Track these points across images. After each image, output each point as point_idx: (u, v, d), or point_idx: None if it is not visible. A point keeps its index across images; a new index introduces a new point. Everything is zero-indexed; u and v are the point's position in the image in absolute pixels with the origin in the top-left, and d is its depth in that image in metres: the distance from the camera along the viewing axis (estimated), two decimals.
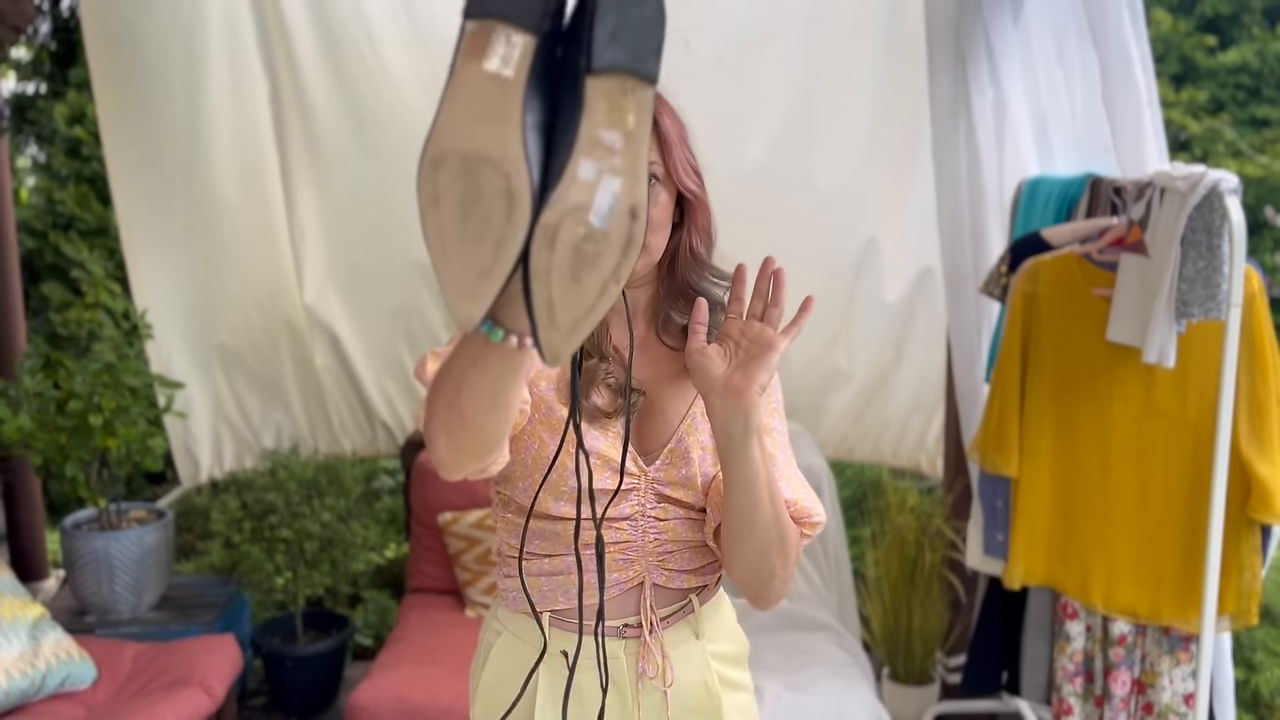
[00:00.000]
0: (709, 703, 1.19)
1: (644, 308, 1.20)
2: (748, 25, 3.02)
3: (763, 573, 1.12)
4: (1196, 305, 1.75)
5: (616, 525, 1.15)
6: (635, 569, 1.16)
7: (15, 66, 4.89)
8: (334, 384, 3.33)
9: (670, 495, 1.16)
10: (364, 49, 3.01)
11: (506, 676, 1.18)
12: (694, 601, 1.19)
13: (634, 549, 1.16)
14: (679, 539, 1.17)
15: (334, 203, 3.18)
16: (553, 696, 1.15)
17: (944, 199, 2.53)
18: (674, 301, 1.19)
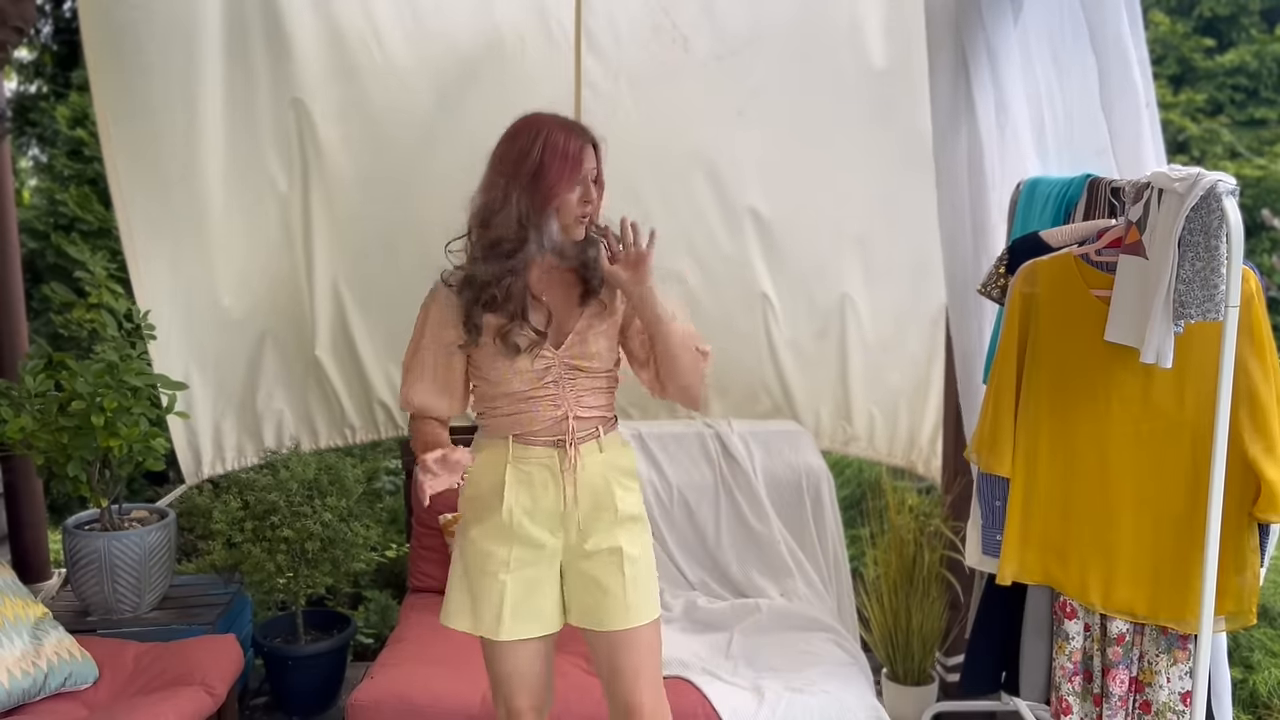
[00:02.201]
0: (604, 488, 1.91)
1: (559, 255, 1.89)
2: (746, 24, 3.03)
3: (693, 379, 1.97)
4: (1194, 306, 1.76)
5: (546, 385, 1.89)
6: (561, 409, 1.89)
7: (17, 68, 4.90)
8: (336, 369, 3.34)
9: (576, 365, 1.90)
10: (370, 44, 3.03)
11: (485, 479, 1.90)
12: (599, 429, 1.93)
13: (559, 398, 1.89)
14: (584, 389, 1.91)
15: (341, 195, 3.19)
16: (516, 481, 1.88)
17: (945, 199, 2.54)
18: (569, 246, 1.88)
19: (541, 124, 1.83)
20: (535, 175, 1.79)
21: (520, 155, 1.80)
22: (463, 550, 1.94)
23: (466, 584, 1.92)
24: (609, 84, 3.07)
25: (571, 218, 1.83)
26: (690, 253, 3.22)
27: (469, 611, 1.93)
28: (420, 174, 3.17)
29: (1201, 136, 7.02)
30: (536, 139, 1.80)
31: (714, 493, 3.05)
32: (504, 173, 1.82)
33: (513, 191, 1.80)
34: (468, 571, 1.92)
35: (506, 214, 1.80)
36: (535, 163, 1.79)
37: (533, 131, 1.81)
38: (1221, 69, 7.51)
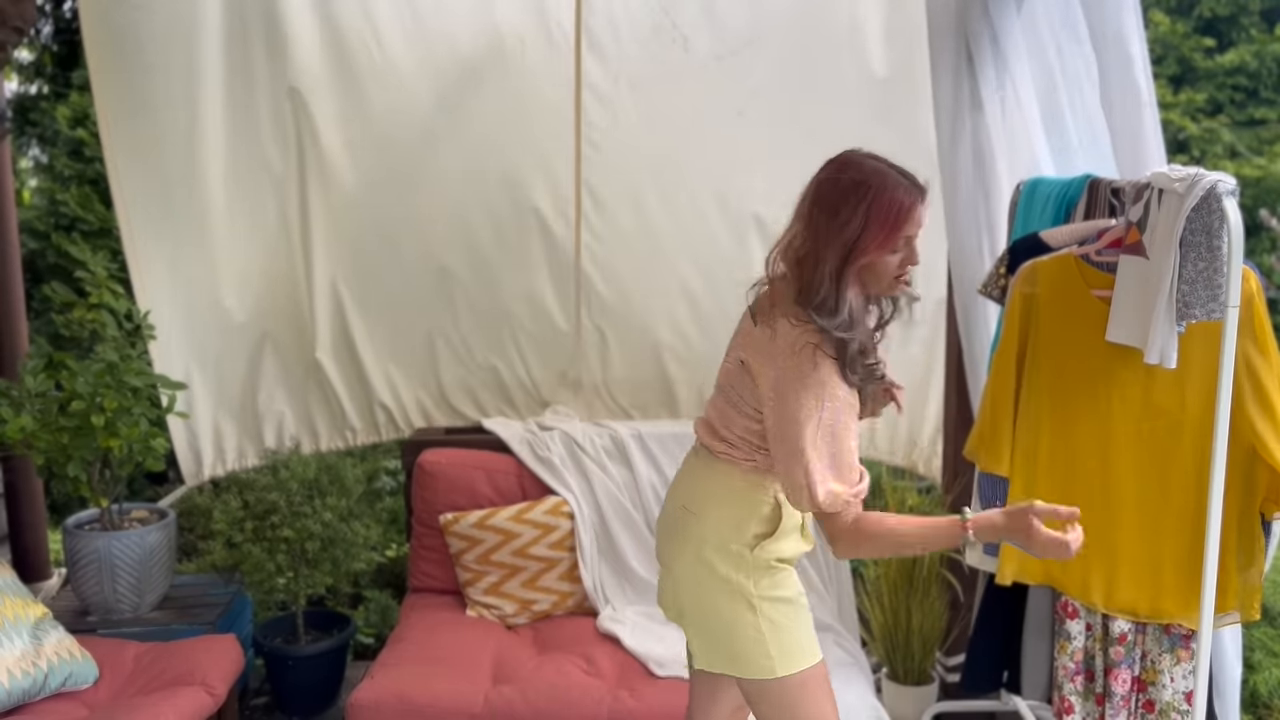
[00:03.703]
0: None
1: None
2: (746, 24, 3.03)
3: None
4: (1198, 306, 1.76)
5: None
6: None
7: (18, 68, 4.90)
8: (337, 370, 3.34)
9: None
10: (370, 45, 3.03)
11: (790, 519, 1.80)
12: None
13: None
14: None
15: (341, 196, 3.19)
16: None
17: (950, 199, 2.53)
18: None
19: (868, 174, 1.65)
20: (856, 232, 1.62)
21: (840, 204, 1.64)
22: (772, 590, 1.79)
23: (797, 618, 1.80)
24: (609, 85, 3.08)
25: (887, 280, 1.68)
26: (691, 254, 3.22)
27: (808, 641, 1.81)
28: (420, 175, 3.17)
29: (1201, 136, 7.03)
30: (863, 193, 1.63)
31: None
32: (819, 219, 1.65)
33: (825, 246, 1.64)
34: (793, 605, 1.80)
35: (820, 270, 1.64)
36: (858, 219, 1.62)
37: (859, 180, 1.65)
38: (1221, 69, 7.51)
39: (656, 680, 2.48)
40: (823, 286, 1.64)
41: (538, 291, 3.26)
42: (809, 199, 1.70)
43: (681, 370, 3.30)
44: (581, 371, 3.31)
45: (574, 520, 2.90)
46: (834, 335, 1.63)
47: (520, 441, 3.06)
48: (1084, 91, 2.36)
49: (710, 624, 1.81)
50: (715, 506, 1.80)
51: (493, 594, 2.85)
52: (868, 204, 1.63)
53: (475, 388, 3.37)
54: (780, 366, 1.66)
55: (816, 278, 1.64)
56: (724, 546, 1.77)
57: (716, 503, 1.80)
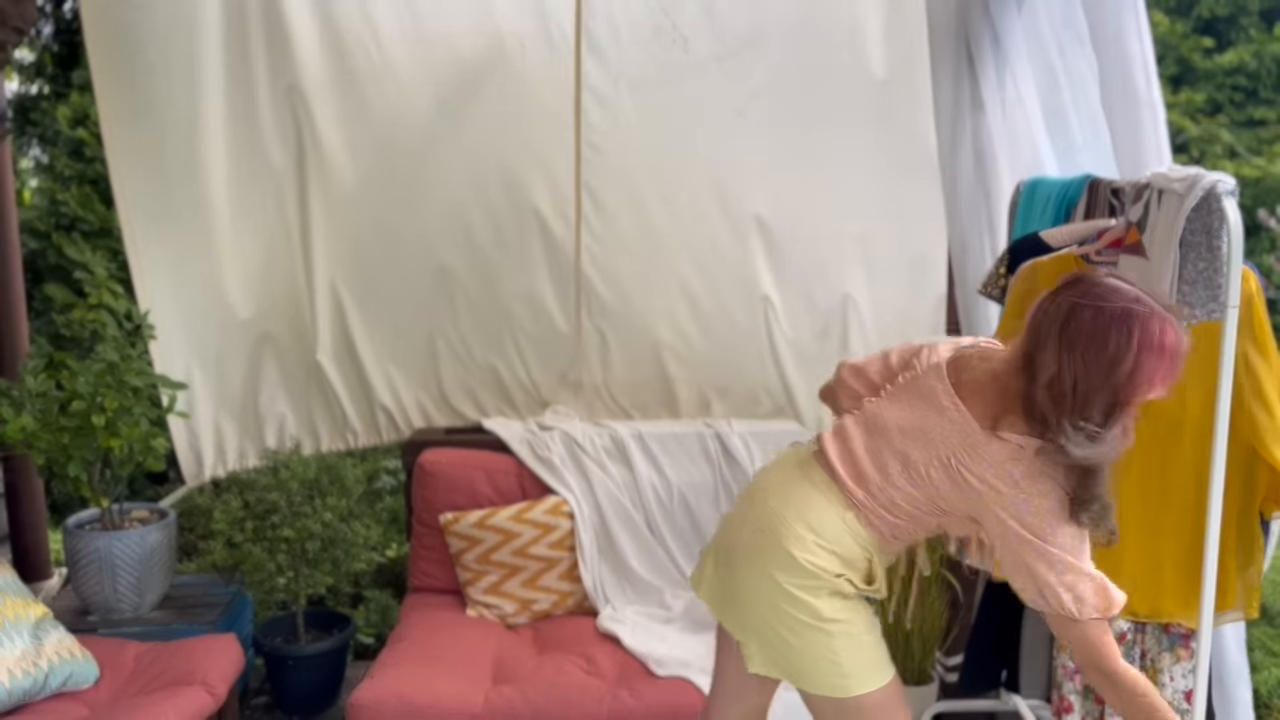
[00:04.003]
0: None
1: None
2: (746, 24, 3.03)
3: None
4: (1199, 306, 1.76)
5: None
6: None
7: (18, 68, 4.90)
8: (337, 372, 3.34)
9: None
10: (370, 47, 3.03)
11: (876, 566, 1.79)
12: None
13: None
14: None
15: (341, 198, 3.19)
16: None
17: (952, 199, 2.54)
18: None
19: (1133, 317, 1.53)
20: (1126, 377, 1.53)
21: (1113, 359, 1.52)
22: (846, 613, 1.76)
23: (873, 636, 1.81)
24: (609, 86, 3.07)
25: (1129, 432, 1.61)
26: (691, 255, 3.22)
27: (882, 657, 1.82)
28: (420, 175, 3.17)
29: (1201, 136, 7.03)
30: (1129, 338, 1.52)
31: (714, 493, 3.05)
32: (1085, 365, 1.53)
33: (1095, 391, 1.54)
34: (866, 624, 1.80)
35: (1089, 411, 1.55)
36: (1127, 365, 1.52)
37: (1124, 327, 1.52)
38: (1221, 69, 7.52)
39: (656, 680, 2.48)
40: (1081, 435, 1.54)
41: (538, 292, 3.26)
42: (1074, 341, 1.55)
43: (682, 370, 3.30)
44: (582, 372, 3.31)
45: (574, 520, 2.90)
46: (1086, 486, 1.56)
47: (520, 441, 3.07)
48: (1088, 91, 2.36)
49: (777, 640, 1.76)
50: (821, 541, 1.72)
51: (493, 594, 2.85)
52: (1149, 367, 1.54)
53: (475, 388, 3.37)
54: (1025, 492, 1.59)
55: (1076, 408, 1.54)
56: (811, 574, 1.71)
57: (824, 537, 1.72)
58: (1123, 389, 1.53)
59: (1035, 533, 1.58)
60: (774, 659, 1.77)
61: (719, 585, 1.84)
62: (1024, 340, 1.61)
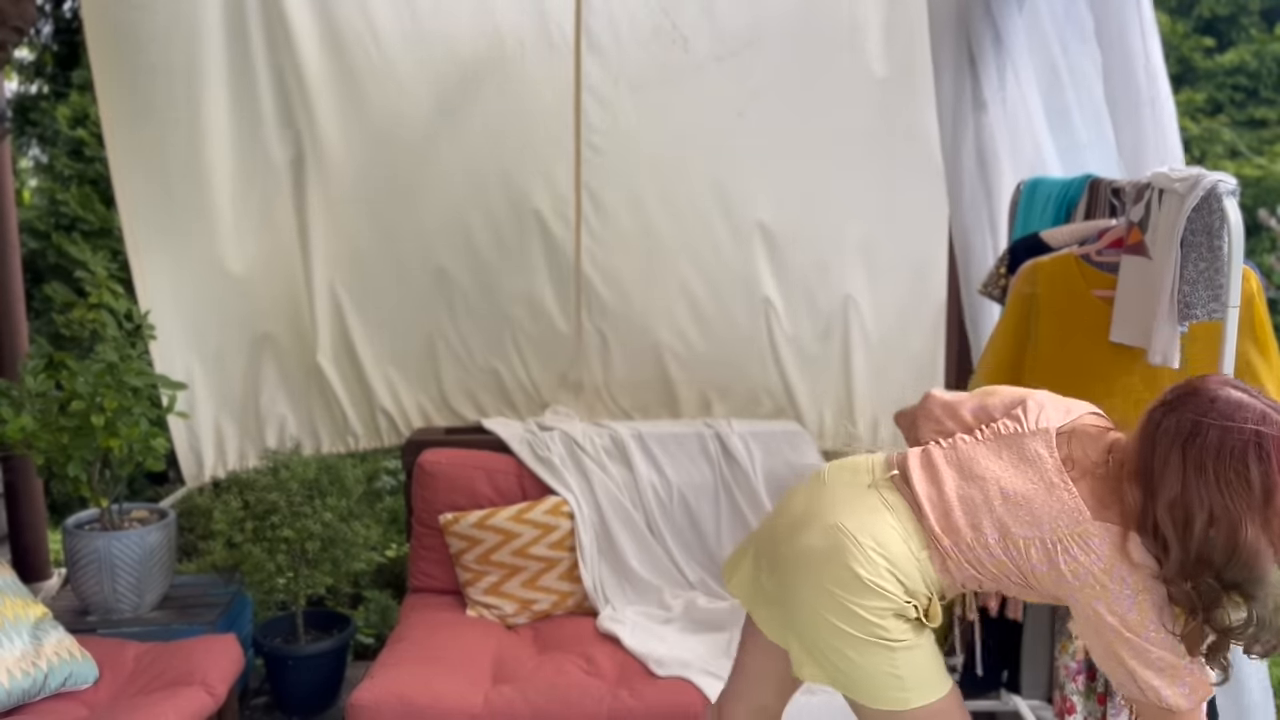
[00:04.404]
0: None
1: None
2: (746, 25, 3.03)
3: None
4: (1200, 306, 1.76)
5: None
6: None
7: (17, 68, 4.90)
8: (337, 375, 3.33)
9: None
10: (369, 47, 3.03)
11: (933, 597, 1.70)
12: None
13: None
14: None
15: (340, 198, 3.19)
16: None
17: (954, 198, 2.53)
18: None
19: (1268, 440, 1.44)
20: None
21: (1259, 486, 1.42)
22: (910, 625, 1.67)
23: (931, 648, 1.69)
24: (609, 86, 3.07)
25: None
26: (692, 256, 3.22)
27: (939, 668, 1.71)
28: (420, 176, 3.17)
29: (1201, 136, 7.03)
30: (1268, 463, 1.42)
31: (714, 493, 3.05)
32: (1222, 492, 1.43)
33: (1239, 522, 1.42)
34: (923, 634, 1.69)
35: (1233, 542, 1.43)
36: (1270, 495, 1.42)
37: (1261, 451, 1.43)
38: (1221, 69, 7.51)
39: (656, 680, 2.48)
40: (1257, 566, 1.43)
41: (538, 293, 3.26)
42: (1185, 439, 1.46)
43: (683, 371, 3.30)
44: (582, 373, 3.31)
45: (574, 520, 2.90)
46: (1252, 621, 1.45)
47: (520, 441, 3.06)
48: (1093, 89, 2.36)
49: (835, 656, 1.66)
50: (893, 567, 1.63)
51: (493, 594, 2.85)
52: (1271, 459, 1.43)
53: (476, 390, 3.37)
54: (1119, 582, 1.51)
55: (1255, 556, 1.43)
56: (877, 595, 1.62)
57: (896, 565, 1.63)
58: (1273, 522, 1.42)
59: (1134, 631, 1.49)
60: (829, 672, 1.70)
61: (760, 587, 1.77)
62: (1137, 447, 1.52)
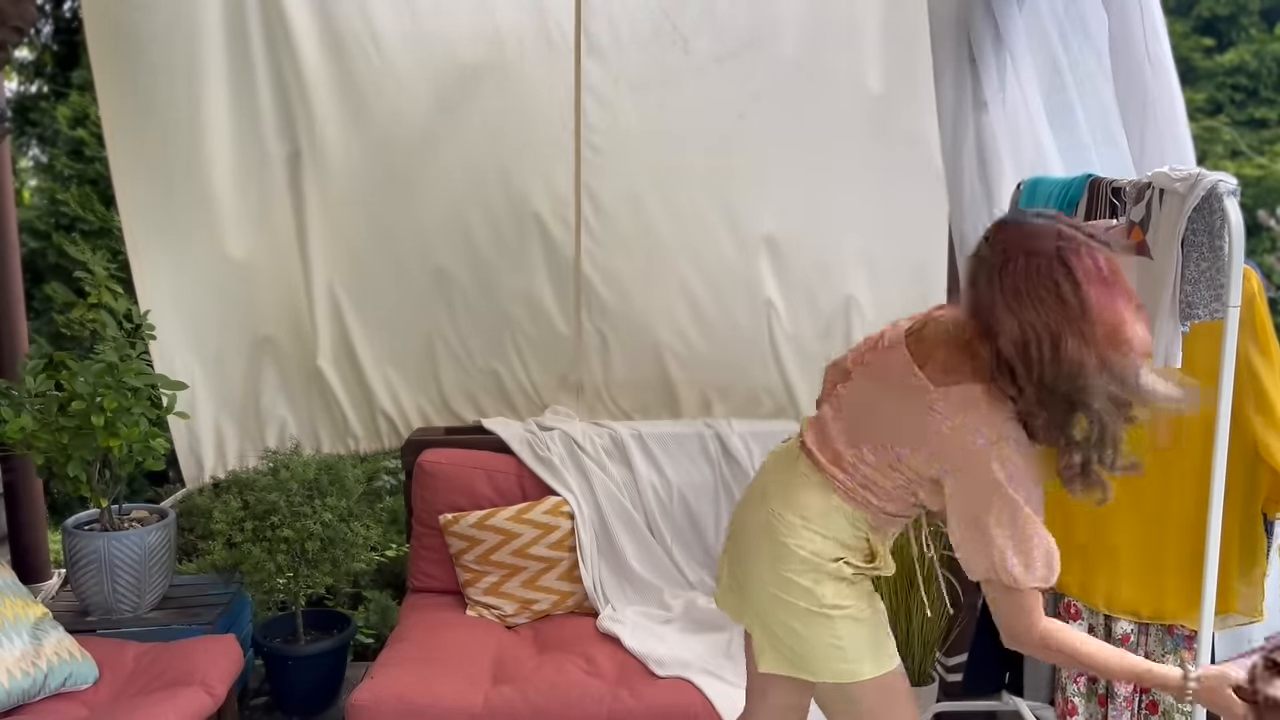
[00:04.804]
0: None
1: None
2: (747, 25, 3.03)
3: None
4: (1202, 306, 1.76)
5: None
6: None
7: (17, 68, 4.90)
8: (338, 378, 3.33)
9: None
10: (368, 48, 3.02)
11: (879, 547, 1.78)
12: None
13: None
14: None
15: (339, 199, 3.18)
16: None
17: (955, 198, 2.53)
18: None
19: (1066, 254, 1.52)
20: (1087, 316, 1.50)
21: (1062, 300, 1.50)
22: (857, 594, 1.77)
23: (875, 623, 1.80)
24: (609, 87, 3.07)
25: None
26: (692, 256, 3.21)
27: (885, 645, 1.81)
28: (419, 177, 3.16)
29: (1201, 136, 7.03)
30: (1070, 277, 1.50)
31: (714, 493, 3.05)
32: (1040, 315, 1.51)
33: (1061, 337, 1.50)
34: (868, 612, 1.79)
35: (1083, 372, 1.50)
36: (1081, 305, 1.50)
37: (1062, 268, 1.51)
38: (1221, 69, 7.52)
39: (656, 680, 2.48)
40: (1081, 376, 1.50)
41: (537, 294, 3.25)
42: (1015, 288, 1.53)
43: (683, 372, 3.29)
44: (583, 375, 3.31)
45: (574, 520, 2.90)
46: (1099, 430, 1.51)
47: (520, 441, 3.06)
48: (1096, 87, 2.36)
49: (782, 631, 1.77)
50: (811, 528, 1.74)
51: (493, 594, 2.85)
52: (1081, 275, 1.52)
53: (476, 392, 3.36)
54: (980, 450, 1.57)
55: (1080, 367, 1.50)
56: (808, 561, 1.73)
57: (814, 525, 1.74)
58: (1092, 331, 1.49)
59: (996, 486, 1.56)
60: (781, 651, 1.79)
61: (734, 588, 1.86)
62: (967, 301, 1.61)
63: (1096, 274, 1.51)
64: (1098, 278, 1.51)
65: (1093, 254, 1.52)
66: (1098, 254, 1.53)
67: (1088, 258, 1.52)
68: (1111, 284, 1.52)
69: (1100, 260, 1.52)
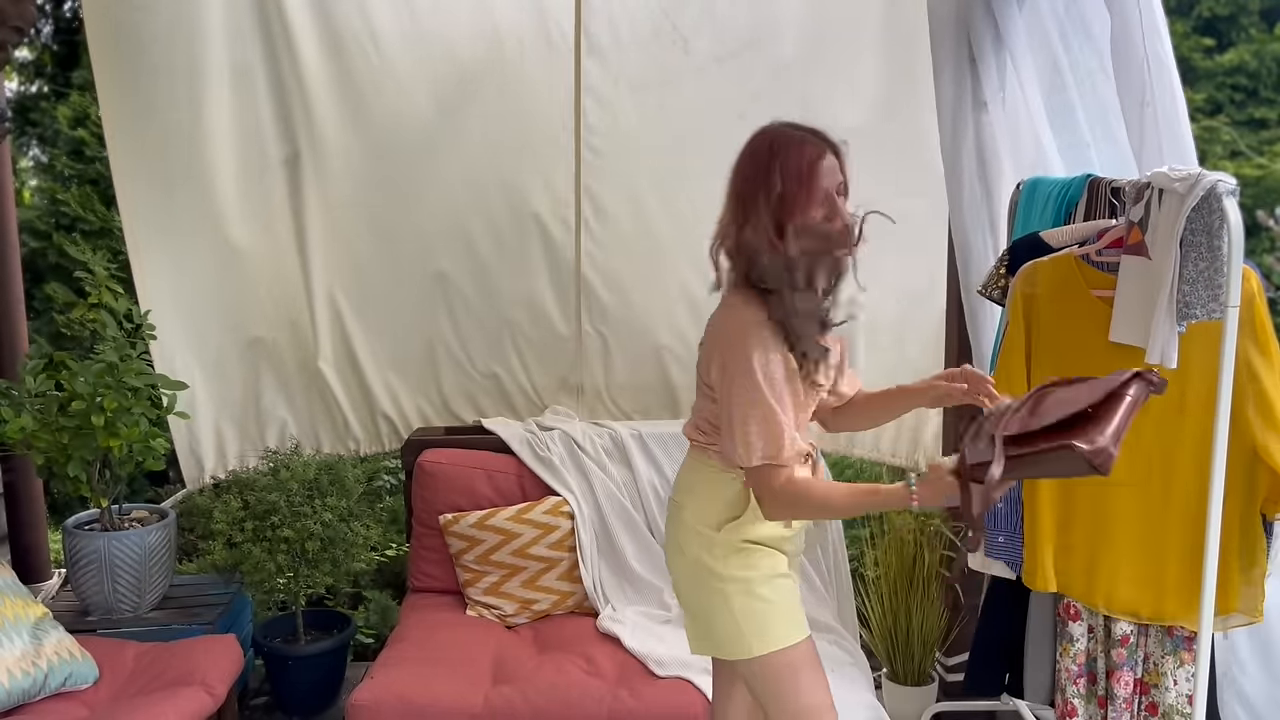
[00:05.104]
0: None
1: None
2: (746, 25, 3.03)
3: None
4: (1199, 306, 1.76)
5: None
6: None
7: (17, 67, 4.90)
8: (338, 380, 3.33)
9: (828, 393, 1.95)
10: (368, 49, 3.02)
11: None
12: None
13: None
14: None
15: (339, 201, 3.18)
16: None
17: (955, 198, 2.53)
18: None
19: (774, 137, 1.72)
20: (776, 195, 1.69)
21: (756, 173, 1.71)
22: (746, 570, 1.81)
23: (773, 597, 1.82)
24: (609, 87, 3.07)
25: (827, 242, 1.74)
26: (692, 257, 3.21)
27: (785, 620, 1.82)
28: (418, 178, 3.16)
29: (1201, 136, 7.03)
30: (773, 155, 1.70)
31: None
32: (744, 194, 1.74)
33: (756, 219, 1.71)
34: (768, 585, 1.82)
35: (757, 244, 1.72)
36: (775, 182, 1.69)
37: (767, 145, 1.72)
38: (1221, 69, 7.51)
39: (656, 680, 2.48)
40: (763, 258, 1.71)
41: (538, 297, 3.25)
42: (731, 180, 1.77)
43: (684, 374, 3.29)
44: (583, 377, 3.31)
45: (574, 520, 2.90)
46: (781, 305, 1.69)
47: (520, 441, 3.06)
48: (1096, 86, 2.36)
49: (691, 608, 1.88)
50: (692, 494, 1.87)
51: (493, 594, 2.85)
52: (780, 164, 1.69)
53: (476, 394, 3.36)
54: (727, 343, 1.75)
55: (756, 252, 1.72)
56: (698, 532, 1.83)
57: (693, 491, 1.87)
58: (780, 211, 1.68)
59: (735, 375, 1.71)
60: (698, 632, 1.87)
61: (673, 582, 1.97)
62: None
63: (802, 168, 1.69)
64: (800, 172, 1.68)
65: (805, 149, 1.69)
66: (811, 151, 1.70)
67: (799, 149, 1.69)
68: (811, 181, 1.69)
69: (812, 157, 1.69)
